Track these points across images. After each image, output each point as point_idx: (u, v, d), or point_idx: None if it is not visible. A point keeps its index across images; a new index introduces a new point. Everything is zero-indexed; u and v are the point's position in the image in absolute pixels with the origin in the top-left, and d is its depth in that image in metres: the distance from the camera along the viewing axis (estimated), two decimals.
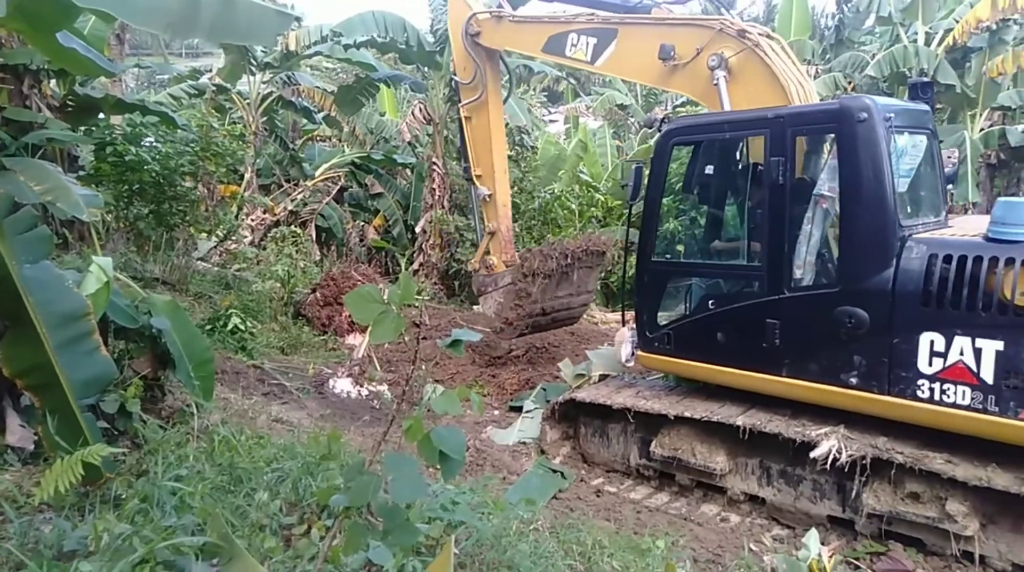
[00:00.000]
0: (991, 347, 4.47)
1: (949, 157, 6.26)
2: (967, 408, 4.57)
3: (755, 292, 5.56)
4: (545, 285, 8.11)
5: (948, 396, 4.64)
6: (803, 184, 5.42)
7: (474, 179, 8.57)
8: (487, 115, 8.34)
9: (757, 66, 5.78)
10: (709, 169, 6.16)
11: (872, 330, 4.90)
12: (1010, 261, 4.42)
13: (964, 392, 4.58)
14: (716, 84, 5.84)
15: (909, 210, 5.34)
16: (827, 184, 5.17)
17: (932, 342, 4.68)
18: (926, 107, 5.79)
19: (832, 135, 5.19)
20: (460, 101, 8.48)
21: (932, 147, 5.71)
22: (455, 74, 8.53)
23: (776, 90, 5.69)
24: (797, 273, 5.30)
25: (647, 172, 6.25)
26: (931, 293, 4.69)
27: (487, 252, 8.67)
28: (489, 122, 8.36)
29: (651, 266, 6.22)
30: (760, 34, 5.93)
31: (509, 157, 14.08)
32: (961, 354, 4.57)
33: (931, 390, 4.70)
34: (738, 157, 6.16)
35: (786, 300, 5.32)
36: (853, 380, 5.01)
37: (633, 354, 6.37)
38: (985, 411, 4.50)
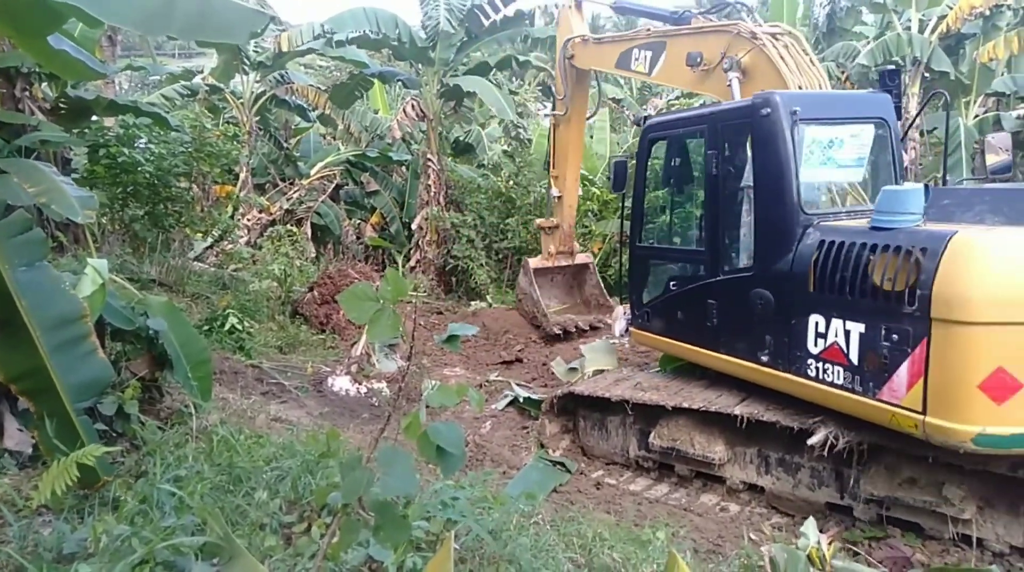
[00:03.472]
0: (856, 329, 4.64)
1: (1002, 148, 6.15)
2: (840, 387, 4.77)
3: (700, 275, 6.07)
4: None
5: (828, 375, 4.86)
6: (731, 175, 5.79)
7: (551, 179, 9.90)
8: (569, 133, 9.47)
9: (765, 64, 6.01)
10: (675, 161, 6.69)
11: (777, 311, 5.20)
12: (880, 247, 4.51)
13: (838, 372, 4.78)
14: (729, 85, 6.16)
15: (824, 199, 5.53)
16: (750, 175, 5.53)
17: (816, 324, 4.92)
18: (885, 96, 5.82)
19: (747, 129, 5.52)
20: (554, 107, 9.55)
21: (887, 135, 5.75)
22: (552, 83, 9.58)
23: (780, 86, 5.80)
24: (732, 257, 5.75)
25: (631, 164, 6.90)
26: (815, 277, 4.89)
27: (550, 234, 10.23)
28: (571, 140, 9.51)
29: (636, 250, 6.98)
30: (776, 33, 6.16)
31: (504, 151, 14.13)
32: (836, 336, 4.77)
33: (816, 369, 4.94)
34: (692, 151, 6.64)
35: (720, 282, 5.77)
36: (764, 357, 5.33)
37: (627, 329, 7.04)
38: (853, 391, 4.68)
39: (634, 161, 7.06)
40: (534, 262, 10.21)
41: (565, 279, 10.46)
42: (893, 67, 7.71)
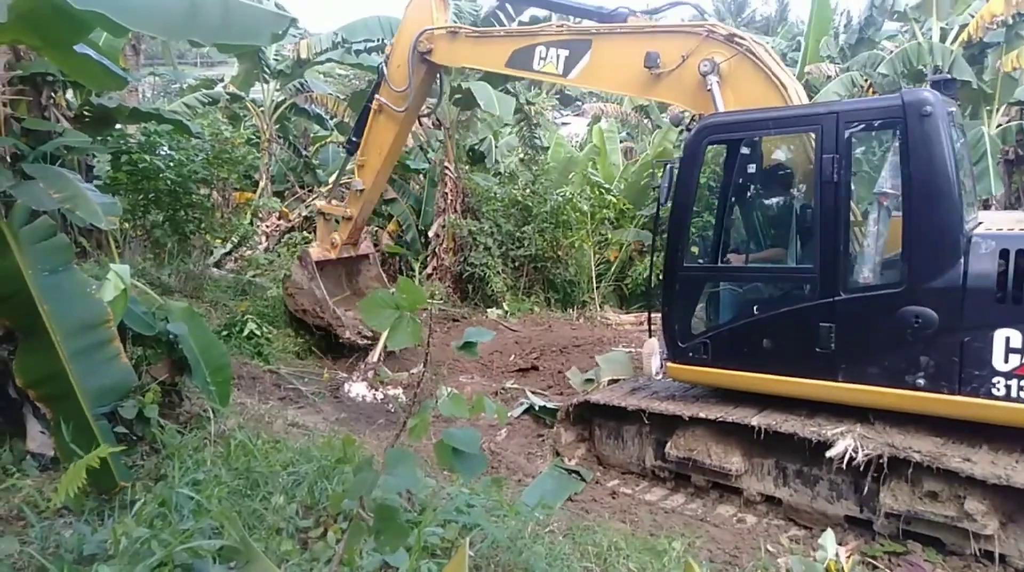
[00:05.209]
0: None
1: None
2: None
3: (806, 295, 5.34)
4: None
5: None
6: (860, 182, 5.32)
7: (355, 167, 8.63)
8: (396, 128, 8.14)
9: (749, 69, 5.66)
10: (751, 168, 5.95)
11: (941, 329, 4.78)
12: None
13: None
14: (710, 89, 5.68)
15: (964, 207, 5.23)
16: (889, 181, 5.07)
17: (1008, 339, 4.59)
18: (955, 103, 5.70)
19: (892, 131, 5.10)
20: (377, 92, 8.14)
21: (964, 143, 5.65)
22: (386, 64, 8.04)
23: (772, 91, 5.59)
24: (864, 273, 5.19)
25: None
26: (1006, 290, 4.60)
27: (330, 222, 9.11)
28: (395, 135, 8.21)
29: (684, 272, 5.92)
30: (751, 38, 5.87)
31: (521, 160, 14.16)
32: None
33: (1007, 388, 4.60)
34: (782, 155, 5.96)
35: (842, 302, 5.14)
36: (920, 381, 4.86)
37: (663, 366, 6.11)
38: None
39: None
40: (315, 253, 8.98)
41: (339, 268, 9.53)
42: (948, 76, 7.22)
